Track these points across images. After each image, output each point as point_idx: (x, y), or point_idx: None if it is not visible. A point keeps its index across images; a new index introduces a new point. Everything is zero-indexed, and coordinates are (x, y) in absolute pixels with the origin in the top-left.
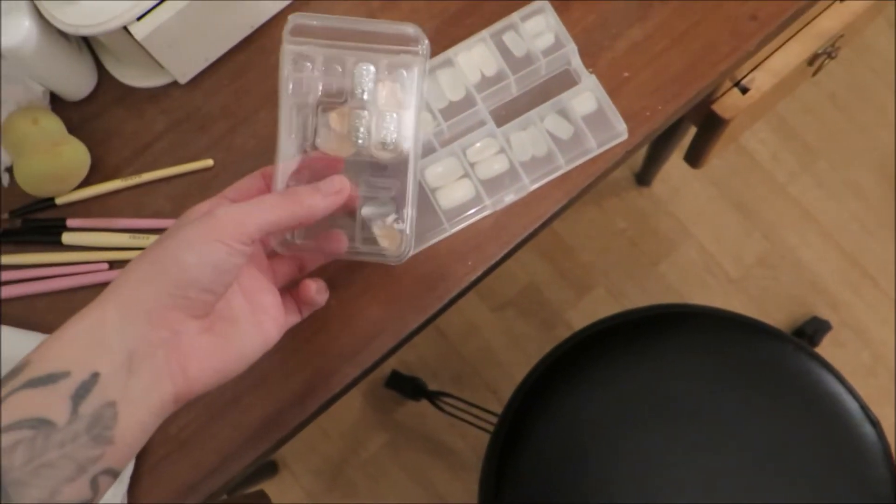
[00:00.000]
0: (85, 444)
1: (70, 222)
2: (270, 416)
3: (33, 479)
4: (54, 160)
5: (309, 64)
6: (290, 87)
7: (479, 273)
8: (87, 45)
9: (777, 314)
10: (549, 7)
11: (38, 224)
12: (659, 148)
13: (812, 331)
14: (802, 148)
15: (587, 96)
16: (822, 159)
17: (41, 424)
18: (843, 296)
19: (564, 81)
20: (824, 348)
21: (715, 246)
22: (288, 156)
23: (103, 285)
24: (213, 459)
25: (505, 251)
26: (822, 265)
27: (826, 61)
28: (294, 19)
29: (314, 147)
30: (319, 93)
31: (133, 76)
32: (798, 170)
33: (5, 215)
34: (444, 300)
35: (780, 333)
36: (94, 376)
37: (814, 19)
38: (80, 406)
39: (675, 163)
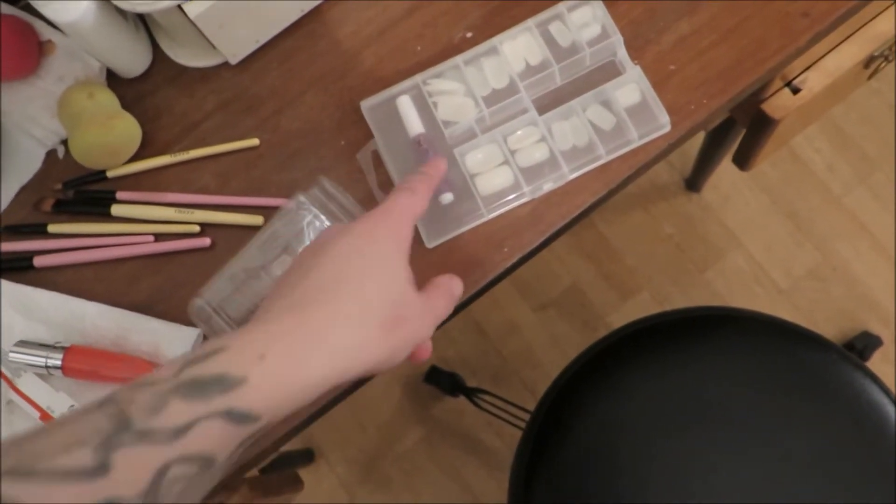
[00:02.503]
0: (218, 476)
1: (120, 195)
2: None
3: None
4: (107, 133)
5: None
6: None
7: (514, 260)
8: (144, 24)
9: (826, 327)
10: None
11: (90, 195)
12: (710, 153)
13: (862, 346)
14: (860, 158)
15: (631, 87)
16: (880, 171)
17: (209, 462)
18: None
19: (609, 72)
20: (875, 364)
21: (764, 255)
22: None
23: (149, 256)
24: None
25: (541, 239)
26: (875, 279)
27: (882, 65)
28: None
29: None
30: None
31: (186, 56)
32: (854, 181)
33: (59, 186)
34: (479, 285)
35: (823, 341)
36: (267, 425)
37: (871, 21)
38: (239, 450)
39: (726, 169)
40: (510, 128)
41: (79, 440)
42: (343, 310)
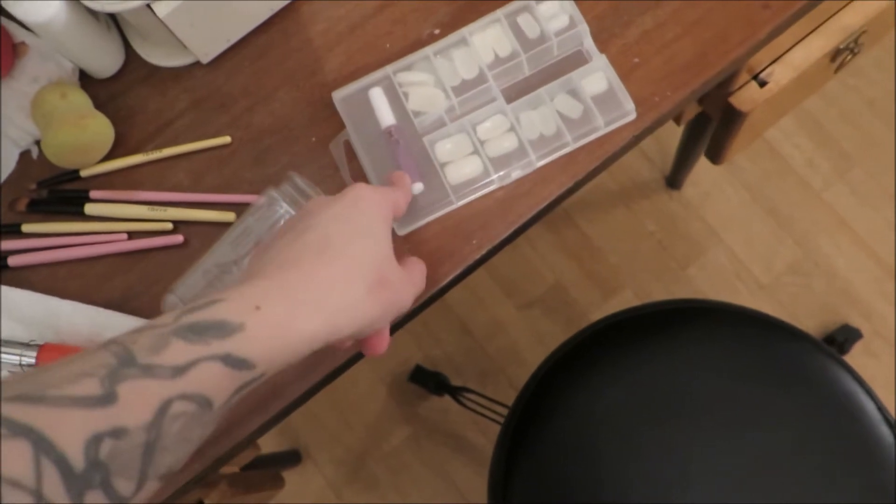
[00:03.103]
0: (214, 423)
1: (93, 194)
2: (276, 386)
3: (175, 447)
4: (80, 132)
5: None
6: None
7: (483, 251)
8: (116, 24)
9: (808, 322)
10: None
11: (64, 195)
12: (688, 149)
13: (842, 339)
14: (838, 154)
15: (598, 76)
16: (858, 166)
17: (207, 404)
18: (877, 305)
19: (576, 62)
20: (856, 357)
21: (745, 251)
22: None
23: (123, 255)
24: (219, 424)
25: (510, 231)
26: (855, 274)
27: (848, 58)
28: None
29: None
30: None
31: (158, 56)
32: (833, 176)
33: (33, 186)
34: (449, 276)
35: (798, 332)
36: (262, 375)
37: (836, 13)
38: (235, 397)
39: (705, 166)
40: (479, 117)
41: (86, 372)
42: (331, 269)
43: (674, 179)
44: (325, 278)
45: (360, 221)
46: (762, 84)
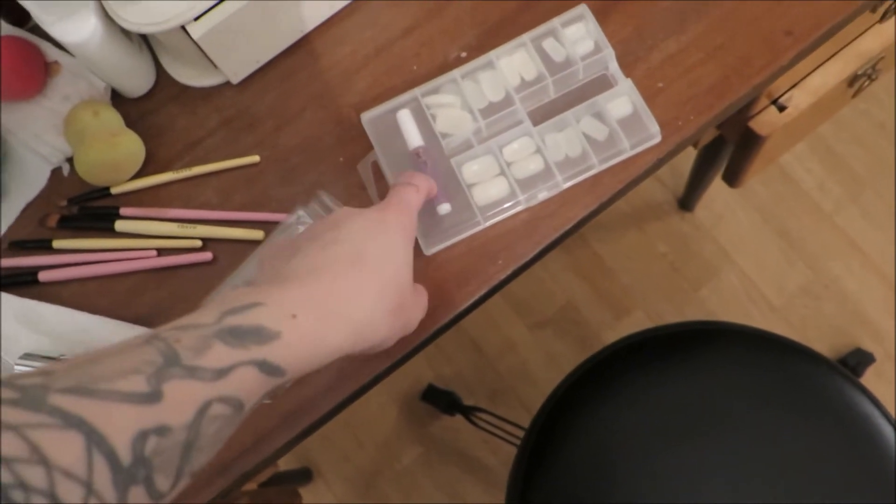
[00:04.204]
0: (238, 425)
1: (123, 210)
2: (303, 402)
3: (208, 447)
4: (111, 150)
5: None
6: None
7: (509, 272)
8: (148, 46)
9: (819, 344)
10: (588, 13)
11: (94, 211)
12: (702, 172)
13: (855, 362)
14: (850, 177)
15: (623, 100)
16: (870, 189)
17: (240, 407)
18: (889, 328)
19: (601, 85)
20: (868, 380)
21: (757, 273)
22: None
23: (152, 271)
24: (246, 440)
25: (535, 251)
26: (867, 296)
27: (866, 83)
28: None
29: None
30: None
31: (189, 76)
32: (845, 199)
33: (64, 203)
34: (474, 297)
35: (813, 353)
36: (287, 382)
37: (854, 40)
38: (261, 401)
39: (718, 189)
40: (506, 139)
41: (133, 368)
42: (361, 282)
43: (686, 202)
44: (355, 290)
45: (390, 243)
46: (781, 109)
